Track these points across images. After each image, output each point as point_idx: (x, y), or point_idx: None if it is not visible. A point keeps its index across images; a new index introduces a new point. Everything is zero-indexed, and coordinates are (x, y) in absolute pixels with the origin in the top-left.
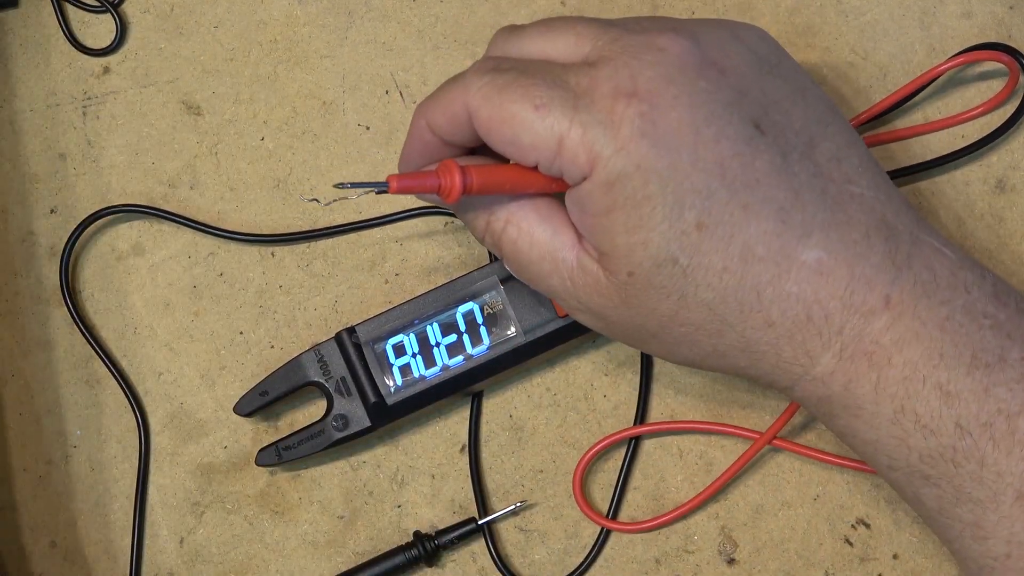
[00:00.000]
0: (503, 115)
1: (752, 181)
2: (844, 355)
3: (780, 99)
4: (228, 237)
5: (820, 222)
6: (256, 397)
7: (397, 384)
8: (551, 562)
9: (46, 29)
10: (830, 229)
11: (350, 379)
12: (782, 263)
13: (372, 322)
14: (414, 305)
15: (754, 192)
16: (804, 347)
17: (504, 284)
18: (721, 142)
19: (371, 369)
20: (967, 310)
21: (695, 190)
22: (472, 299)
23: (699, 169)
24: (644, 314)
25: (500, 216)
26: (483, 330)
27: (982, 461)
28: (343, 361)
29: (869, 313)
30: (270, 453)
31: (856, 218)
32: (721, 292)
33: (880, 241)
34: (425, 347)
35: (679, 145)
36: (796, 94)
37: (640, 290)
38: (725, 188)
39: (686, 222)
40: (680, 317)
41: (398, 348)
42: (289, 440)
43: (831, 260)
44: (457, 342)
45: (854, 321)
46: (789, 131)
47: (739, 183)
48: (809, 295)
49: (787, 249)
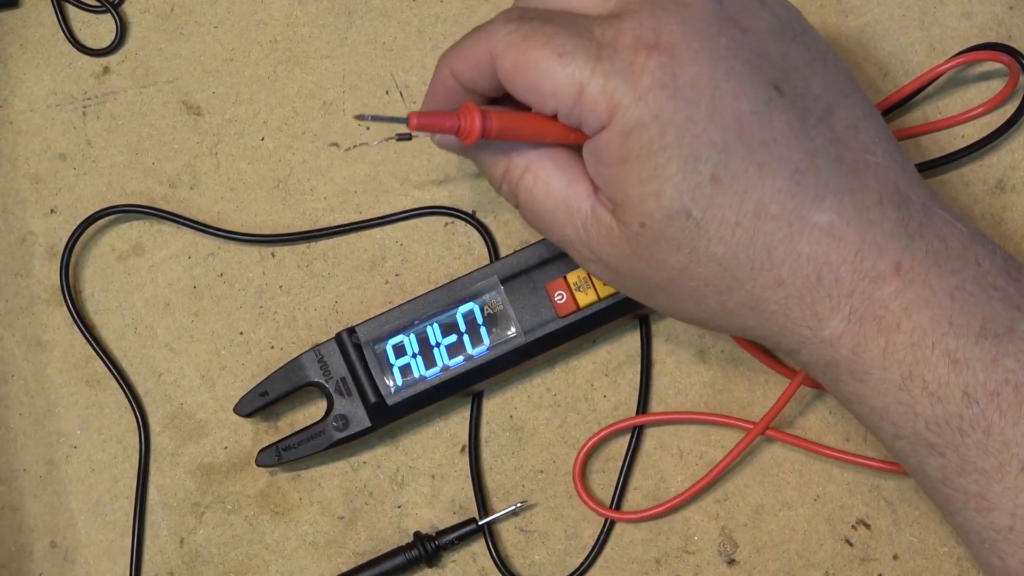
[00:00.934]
0: (526, 62)
1: (769, 140)
2: (853, 318)
3: (800, 65)
4: (228, 237)
5: (834, 186)
6: (256, 398)
7: (397, 384)
8: (551, 562)
9: (46, 29)
10: (844, 194)
11: (350, 379)
12: (795, 223)
13: (372, 322)
14: (414, 305)
15: (770, 151)
16: (813, 308)
17: (504, 284)
18: (740, 99)
19: (371, 369)
20: (977, 281)
21: (711, 143)
22: (472, 299)
23: (716, 123)
24: (654, 266)
25: (518, 164)
26: (483, 330)
27: (988, 430)
28: (343, 361)
29: (879, 278)
30: (270, 454)
31: (870, 185)
32: (733, 248)
33: (893, 209)
34: (425, 347)
35: (698, 98)
36: (817, 62)
37: (652, 241)
38: (742, 144)
39: (701, 175)
40: (690, 271)
41: (398, 348)
42: (289, 441)
43: (843, 224)
44: (457, 342)
45: (864, 285)
46: (808, 96)
47: (756, 141)
48: (820, 256)
49: (800, 210)
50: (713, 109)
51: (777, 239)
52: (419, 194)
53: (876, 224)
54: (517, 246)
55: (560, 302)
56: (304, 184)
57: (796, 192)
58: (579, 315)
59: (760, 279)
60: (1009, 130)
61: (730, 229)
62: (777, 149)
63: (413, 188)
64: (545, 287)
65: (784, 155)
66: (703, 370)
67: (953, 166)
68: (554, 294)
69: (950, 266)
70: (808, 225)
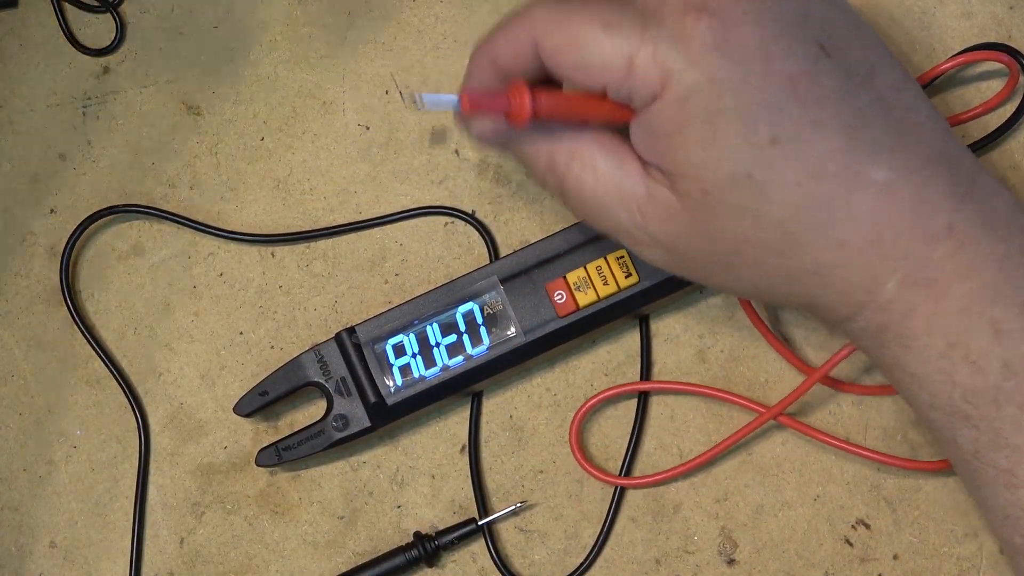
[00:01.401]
0: (571, 39)
1: (821, 98)
2: (907, 281)
3: (841, 27)
4: (228, 237)
5: (886, 143)
6: (256, 397)
7: (397, 384)
8: (551, 562)
9: (46, 29)
10: (897, 151)
11: (350, 379)
12: (853, 180)
13: (372, 322)
14: (414, 305)
15: (824, 108)
16: (871, 271)
17: (504, 284)
18: (790, 58)
19: (371, 369)
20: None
21: (767, 104)
22: (472, 299)
23: (771, 84)
24: (716, 237)
25: (563, 151)
26: (483, 330)
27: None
28: (343, 361)
29: (933, 239)
30: (270, 454)
31: (921, 144)
32: (794, 209)
33: (944, 169)
34: (425, 347)
35: (750, 59)
36: (854, 26)
37: (714, 210)
38: (796, 103)
39: (760, 136)
40: (753, 238)
41: (398, 348)
42: (289, 440)
43: (900, 181)
44: (457, 342)
45: (918, 246)
46: (851, 57)
47: (809, 99)
48: (880, 215)
49: (857, 166)
50: (767, 69)
51: (837, 197)
52: (419, 194)
53: (929, 183)
54: (517, 246)
55: (560, 302)
56: (304, 184)
57: (851, 148)
58: (579, 315)
59: (822, 240)
60: (1009, 130)
61: (791, 190)
62: (829, 106)
63: (413, 188)
64: (545, 287)
65: (836, 112)
66: (703, 370)
67: None
68: (554, 294)
69: (999, 233)
70: (866, 182)
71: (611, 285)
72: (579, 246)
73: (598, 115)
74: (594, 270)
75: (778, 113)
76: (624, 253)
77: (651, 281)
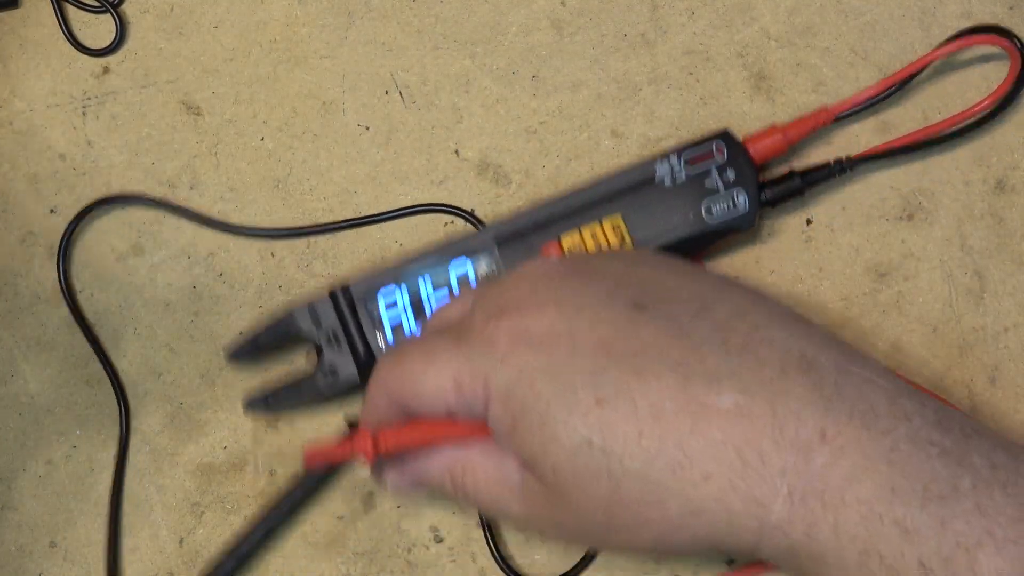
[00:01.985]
0: (402, 377)
1: (639, 350)
2: (795, 498)
3: (661, 281)
4: (227, 231)
5: (727, 369)
6: (247, 345)
7: (388, 341)
8: (551, 562)
9: (46, 29)
10: (741, 373)
11: (341, 334)
12: (697, 412)
13: (365, 279)
14: (408, 263)
15: (645, 356)
16: (751, 495)
17: (500, 246)
18: (598, 326)
19: (363, 324)
20: (911, 439)
21: (582, 371)
22: (467, 259)
23: (581, 354)
24: (585, 507)
25: (457, 466)
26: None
27: None
28: (335, 316)
29: (806, 449)
30: (259, 402)
31: (768, 358)
32: (646, 457)
33: (799, 375)
34: (417, 305)
35: (555, 340)
36: (681, 276)
37: (569, 483)
38: (613, 362)
39: (583, 402)
40: (619, 498)
41: (390, 306)
42: (278, 390)
43: (748, 401)
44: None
45: (793, 459)
46: (676, 302)
47: (627, 354)
48: (737, 437)
49: (698, 398)
50: (573, 344)
51: (685, 432)
52: (419, 194)
53: (785, 393)
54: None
55: None
56: (304, 184)
57: (686, 385)
58: None
59: (687, 478)
60: (1006, 109)
61: (634, 441)
62: (651, 353)
63: (413, 188)
64: (540, 249)
65: (660, 356)
66: None
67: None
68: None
69: (880, 426)
70: (712, 411)
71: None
72: (578, 210)
73: (452, 434)
74: (589, 234)
75: (596, 377)
76: (619, 219)
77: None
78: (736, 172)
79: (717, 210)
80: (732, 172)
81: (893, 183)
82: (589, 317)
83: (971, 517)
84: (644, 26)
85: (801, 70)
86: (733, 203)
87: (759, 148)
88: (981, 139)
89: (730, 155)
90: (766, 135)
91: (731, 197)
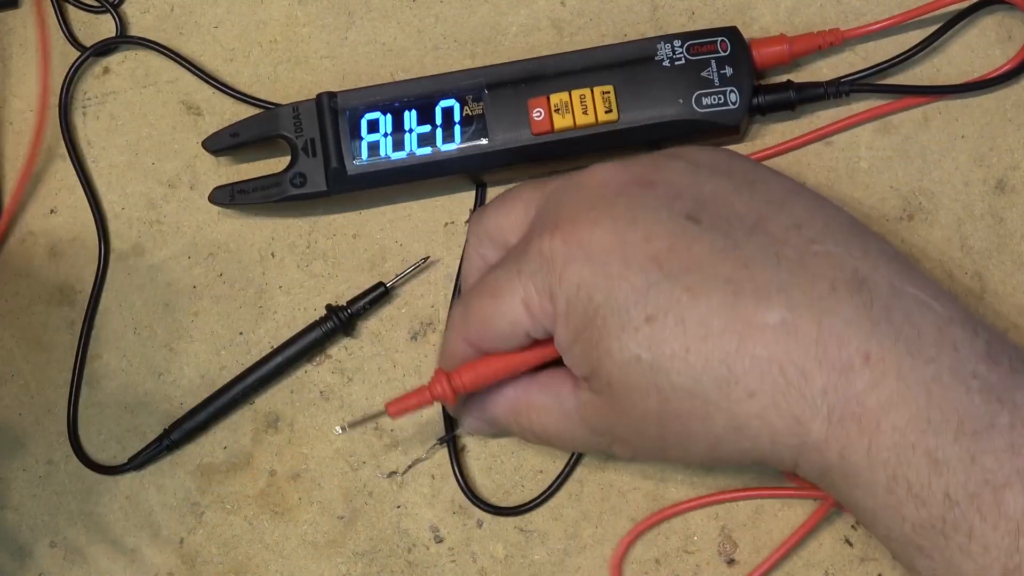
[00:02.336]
0: (476, 321)
1: (692, 264)
2: (833, 418)
3: (719, 193)
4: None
5: (777, 284)
6: (226, 136)
7: (362, 158)
8: (551, 562)
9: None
10: (791, 288)
11: (319, 141)
12: (743, 330)
13: (354, 92)
14: (399, 87)
15: (696, 272)
16: (792, 413)
17: (490, 90)
18: (651, 240)
19: (341, 137)
20: (954, 371)
21: (634, 288)
22: (455, 96)
23: (633, 269)
24: (638, 419)
25: (522, 406)
26: (457, 128)
27: (970, 533)
28: (317, 123)
29: (847, 370)
30: (225, 193)
31: (821, 273)
32: (693, 374)
33: (849, 294)
34: (398, 130)
35: (608, 255)
36: (741, 186)
37: (623, 396)
38: (664, 278)
39: (635, 319)
40: (669, 411)
41: (372, 124)
42: (245, 185)
43: (795, 317)
44: (429, 133)
45: (834, 379)
46: (731, 216)
47: (678, 270)
48: (781, 355)
49: (745, 316)
50: (626, 258)
51: (731, 350)
52: None
53: (832, 311)
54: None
55: (537, 119)
56: None
57: (735, 302)
58: (551, 137)
59: (732, 395)
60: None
61: (682, 358)
62: (703, 269)
63: None
64: (527, 102)
65: (712, 272)
66: None
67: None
68: (533, 111)
69: (924, 354)
70: (758, 328)
71: (590, 116)
72: (573, 71)
73: (526, 364)
74: (577, 97)
75: (646, 292)
76: (611, 88)
77: (630, 123)
78: (734, 70)
79: (708, 102)
80: (731, 69)
81: (893, 183)
82: (643, 230)
83: (1002, 455)
84: (644, 26)
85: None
86: (725, 99)
87: (763, 53)
88: (981, 138)
89: (733, 52)
90: (773, 42)
91: (724, 93)
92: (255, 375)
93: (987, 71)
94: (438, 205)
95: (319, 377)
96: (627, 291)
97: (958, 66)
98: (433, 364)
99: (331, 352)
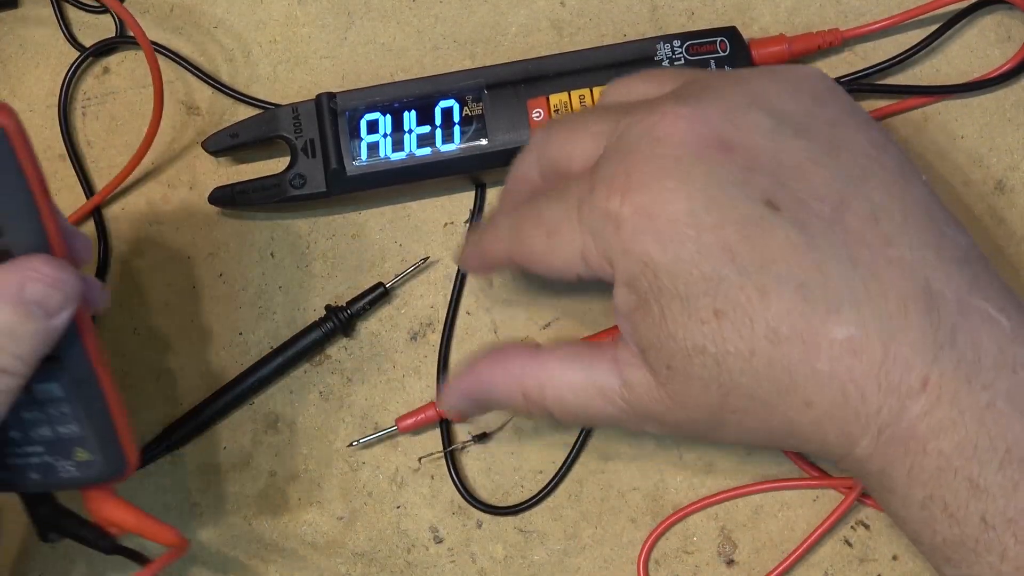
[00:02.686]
0: (528, 254)
1: (766, 261)
2: (881, 439)
3: (800, 163)
4: (233, 95)
5: (849, 295)
6: (225, 137)
7: (361, 158)
8: (551, 562)
9: (46, 29)
10: (862, 303)
11: (318, 142)
12: (810, 341)
13: (354, 93)
14: (399, 87)
15: (769, 271)
16: (844, 429)
17: (489, 91)
18: (726, 227)
19: (340, 138)
20: (1010, 397)
21: (704, 278)
22: (455, 96)
23: (705, 257)
24: (692, 407)
25: (530, 383)
26: (456, 129)
27: (1003, 555)
28: (316, 124)
29: (906, 395)
30: (225, 194)
31: (893, 287)
32: (755, 376)
33: (919, 314)
34: (398, 131)
35: (680, 237)
36: (825, 154)
37: (682, 383)
38: (736, 272)
39: (703, 311)
40: (727, 405)
41: (371, 125)
42: (245, 186)
43: (863, 337)
44: (429, 134)
45: (891, 402)
46: (812, 199)
47: (751, 265)
48: (843, 374)
49: (813, 327)
50: (699, 244)
51: (795, 360)
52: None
53: (901, 333)
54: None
55: (537, 119)
56: None
57: (805, 310)
58: None
59: (789, 401)
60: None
61: (746, 359)
62: (776, 268)
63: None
64: (527, 103)
65: (786, 273)
66: None
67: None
68: (532, 111)
69: (982, 379)
70: (825, 341)
71: None
72: (573, 71)
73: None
74: (577, 98)
75: (717, 285)
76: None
77: None
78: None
79: None
80: (730, 69)
81: None
82: (717, 215)
83: None
84: (644, 26)
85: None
86: None
87: (762, 52)
88: (981, 139)
89: (732, 52)
90: (772, 42)
91: None
92: (255, 375)
93: (987, 71)
94: (438, 205)
95: (319, 377)
96: (697, 280)
97: (958, 66)
98: (433, 364)
99: (331, 352)
